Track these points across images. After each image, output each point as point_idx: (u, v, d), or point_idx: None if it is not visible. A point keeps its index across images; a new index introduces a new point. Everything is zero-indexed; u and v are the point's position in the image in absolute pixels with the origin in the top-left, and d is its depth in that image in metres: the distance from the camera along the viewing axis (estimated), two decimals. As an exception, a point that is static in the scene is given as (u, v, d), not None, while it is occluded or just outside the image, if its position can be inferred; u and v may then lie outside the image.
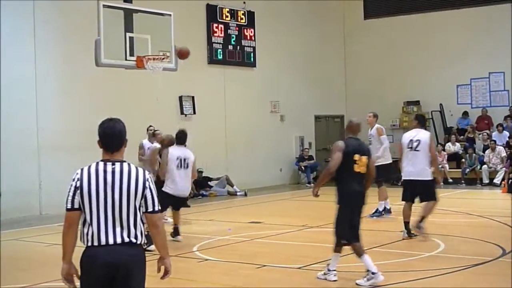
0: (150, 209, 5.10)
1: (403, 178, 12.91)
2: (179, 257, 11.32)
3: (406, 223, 12.67)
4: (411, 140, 12.53)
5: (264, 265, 10.47)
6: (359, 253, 9.14)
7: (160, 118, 21.00)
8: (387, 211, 15.63)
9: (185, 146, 12.95)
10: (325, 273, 9.31)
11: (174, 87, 21.56)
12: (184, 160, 12.63)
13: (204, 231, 14.36)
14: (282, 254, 11.71)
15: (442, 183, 23.64)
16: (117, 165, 5.07)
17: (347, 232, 9.19)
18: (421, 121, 13.20)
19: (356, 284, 9.00)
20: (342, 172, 9.04)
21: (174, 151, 12.68)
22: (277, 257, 11.33)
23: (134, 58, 14.38)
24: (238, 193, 22.31)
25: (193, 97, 22.90)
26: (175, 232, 12.80)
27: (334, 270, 9.26)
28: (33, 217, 17.66)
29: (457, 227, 14.14)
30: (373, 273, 8.94)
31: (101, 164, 5.07)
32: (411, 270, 9.82)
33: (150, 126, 16.81)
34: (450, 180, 24.10)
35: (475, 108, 26.53)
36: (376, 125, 15.63)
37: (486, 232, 13.05)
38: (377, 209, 15.49)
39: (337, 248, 9.34)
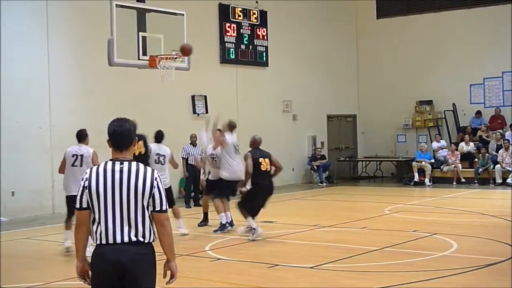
0: (157, 208, 5.12)
1: None
2: (191, 256, 11.35)
3: None
4: None
5: (277, 265, 10.47)
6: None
7: (172, 117, 21.05)
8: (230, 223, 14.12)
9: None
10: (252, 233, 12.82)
11: (186, 87, 21.58)
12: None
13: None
14: (294, 253, 11.71)
15: (455, 183, 23.80)
16: (125, 164, 5.10)
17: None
18: None
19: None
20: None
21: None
22: (290, 256, 11.33)
23: (147, 57, 14.40)
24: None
25: (205, 97, 22.93)
26: None
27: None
28: (45, 216, 17.73)
29: (470, 227, 14.09)
30: (253, 229, 12.82)
31: (109, 164, 5.12)
32: (423, 270, 9.80)
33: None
34: (463, 180, 24.04)
35: (488, 107, 26.44)
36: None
37: (499, 232, 12.99)
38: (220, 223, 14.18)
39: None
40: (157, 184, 5.12)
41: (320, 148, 26.76)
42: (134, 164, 5.13)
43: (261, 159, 13.08)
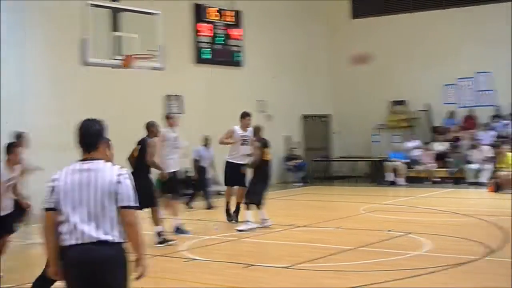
0: (125, 204, 5.09)
1: None
2: (166, 257, 11.32)
3: None
4: None
5: (251, 265, 10.47)
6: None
7: (146, 117, 20.92)
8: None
9: None
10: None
11: (160, 87, 21.51)
12: None
13: (191, 231, 14.34)
14: (269, 253, 11.73)
15: (428, 182, 23.95)
16: (92, 164, 5.14)
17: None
18: None
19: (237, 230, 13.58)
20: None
21: None
22: (264, 256, 11.34)
23: (121, 57, 14.35)
24: (224, 193, 22.21)
25: (179, 97, 22.87)
26: None
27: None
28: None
29: (443, 226, 14.18)
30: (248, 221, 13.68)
31: (77, 164, 5.17)
32: (398, 269, 9.84)
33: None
34: (437, 180, 24.17)
35: (461, 107, 26.61)
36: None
37: (473, 231, 13.11)
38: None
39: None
40: (123, 180, 5.11)
41: (295, 148, 26.77)
42: (100, 163, 5.15)
43: (265, 149, 14.25)
